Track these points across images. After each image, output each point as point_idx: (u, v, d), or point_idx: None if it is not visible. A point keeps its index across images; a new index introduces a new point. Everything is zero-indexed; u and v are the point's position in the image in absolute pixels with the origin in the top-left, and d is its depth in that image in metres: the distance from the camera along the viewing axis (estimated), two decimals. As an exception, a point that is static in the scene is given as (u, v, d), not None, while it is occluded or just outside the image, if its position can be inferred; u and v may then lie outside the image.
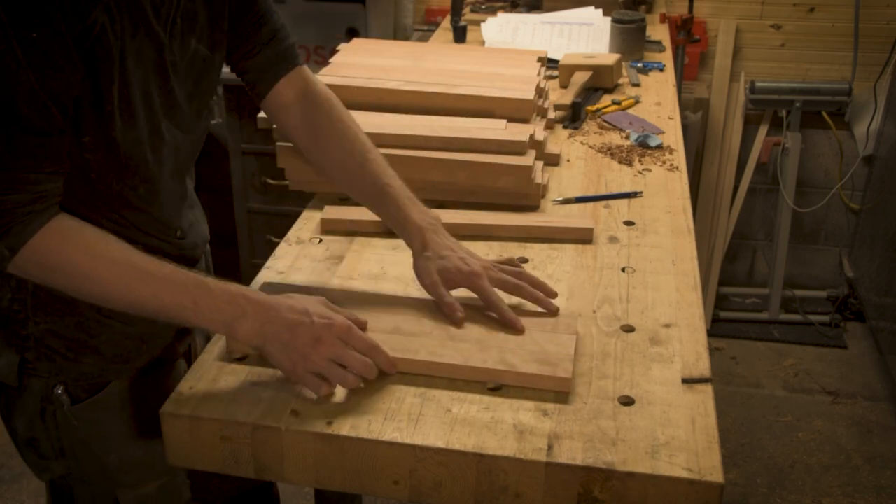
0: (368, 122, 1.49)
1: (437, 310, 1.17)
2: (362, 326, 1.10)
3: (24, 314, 1.15)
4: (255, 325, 1.03)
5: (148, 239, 1.17)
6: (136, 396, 1.23)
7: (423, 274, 1.18)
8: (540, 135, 1.57)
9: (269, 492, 1.62)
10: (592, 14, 2.52)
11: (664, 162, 1.68)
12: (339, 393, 1.04)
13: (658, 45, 2.45)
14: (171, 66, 1.11)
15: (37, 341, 1.16)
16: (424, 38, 2.74)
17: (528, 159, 1.44)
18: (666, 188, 1.57)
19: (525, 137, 1.44)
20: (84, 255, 1.01)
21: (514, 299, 1.19)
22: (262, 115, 1.42)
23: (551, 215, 1.47)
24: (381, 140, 1.47)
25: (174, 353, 1.29)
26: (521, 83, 1.64)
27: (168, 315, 1.03)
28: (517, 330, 1.13)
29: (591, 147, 1.75)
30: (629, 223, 1.45)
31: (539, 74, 1.71)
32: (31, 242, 0.99)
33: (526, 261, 1.33)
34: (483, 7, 2.80)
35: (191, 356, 1.35)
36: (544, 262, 1.33)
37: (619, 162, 1.68)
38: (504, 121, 1.54)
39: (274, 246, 1.38)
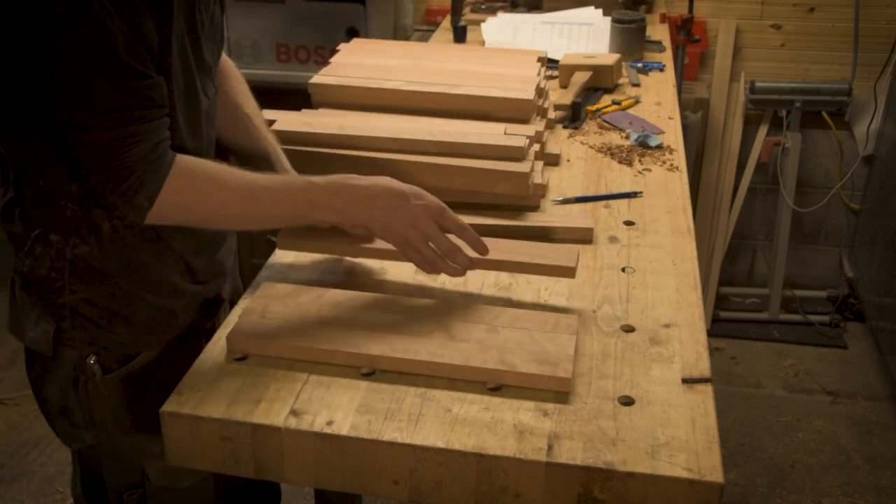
0: (365, 125, 1.50)
1: (438, 310, 1.17)
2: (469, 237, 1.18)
3: (61, 282, 1.17)
4: (362, 210, 1.15)
5: None
6: (162, 369, 1.25)
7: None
8: (539, 138, 1.57)
9: (272, 484, 1.62)
10: (592, 14, 2.52)
11: (664, 162, 1.68)
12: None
13: (658, 45, 2.45)
14: (200, 24, 1.17)
15: (72, 310, 1.18)
16: (424, 38, 2.74)
17: (525, 166, 1.43)
18: (666, 188, 1.57)
19: (523, 143, 1.43)
20: (213, 186, 1.10)
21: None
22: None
23: (551, 215, 1.47)
24: (377, 144, 1.47)
25: (201, 329, 1.31)
26: (521, 83, 1.64)
27: (293, 220, 1.17)
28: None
29: (591, 147, 1.75)
30: (629, 223, 1.45)
31: (539, 74, 1.71)
32: (165, 187, 1.06)
33: (526, 261, 1.33)
34: (483, 7, 2.80)
35: (214, 333, 1.36)
36: (544, 262, 1.33)
37: (619, 162, 1.68)
38: (503, 125, 1.54)
39: (274, 246, 1.38)
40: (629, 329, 1.16)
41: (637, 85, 2.13)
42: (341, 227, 1.21)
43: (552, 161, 1.65)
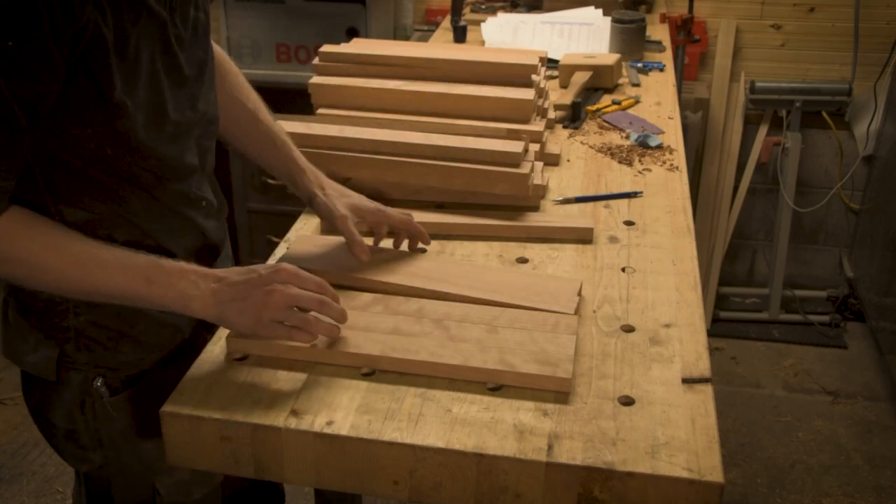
0: (365, 130, 1.50)
1: (438, 310, 1.17)
2: (330, 294, 1.09)
3: (64, 306, 1.15)
4: (207, 294, 1.05)
5: (179, 209, 1.19)
6: (168, 383, 1.24)
7: (331, 209, 1.25)
8: (539, 138, 1.57)
9: (275, 487, 1.62)
10: (592, 14, 2.52)
11: (664, 162, 1.68)
12: (322, 341, 1.04)
13: (658, 45, 2.45)
14: (175, 40, 1.11)
15: (77, 333, 1.17)
16: (424, 38, 2.74)
17: (524, 167, 1.44)
18: (666, 188, 1.57)
19: (520, 149, 1.43)
20: (38, 245, 1.02)
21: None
22: None
23: (551, 215, 1.47)
24: (377, 147, 1.47)
25: (202, 340, 1.30)
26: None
27: (125, 297, 1.05)
28: (425, 240, 1.24)
29: (591, 147, 1.75)
30: (629, 223, 1.45)
31: (539, 74, 1.71)
32: None
33: (526, 261, 1.33)
34: (483, 7, 2.80)
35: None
36: (544, 262, 1.33)
37: (619, 162, 1.68)
38: (504, 127, 1.54)
39: (274, 246, 1.38)
40: (629, 329, 1.16)
41: (637, 85, 2.13)
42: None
43: (552, 161, 1.65)
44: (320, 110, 1.62)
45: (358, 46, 1.77)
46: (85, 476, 1.33)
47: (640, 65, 2.27)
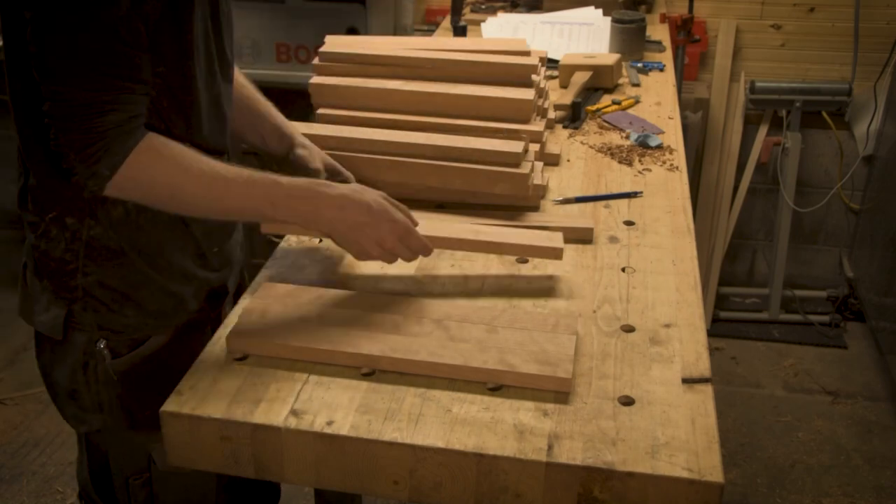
0: (365, 130, 1.50)
1: (438, 310, 1.17)
2: (415, 224, 1.21)
3: (74, 264, 1.18)
4: (326, 218, 1.15)
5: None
6: (170, 355, 1.26)
7: (313, 155, 1.38)
8: (539, 138, 1.57)
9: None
10: (592, 14, 2.52)
11: (664, 162, 1.68)
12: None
13: (658, 45, 2.45)
14: (223, 16, 1.20)
15: (84, 292, 1.20)
16: (424, 38, 2.74)
17: (524, 167, 1.44)
18: (666, 188, 1.57)
19: (520, 149, 1.43)
20: (176, 168, 1.08)
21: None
22: None
23: (551, 215, 1.47)
24: (377, 146, 1.47)
25: (207, 318, 1.32)
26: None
27: (253, 216, 1.15)
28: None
29: (591, 147, 1.75)
30: (629, 223, 1.45)
31: (539, 74, 1.71)
32: (129, 160, 1.05)
33: (526, 261, 1.33)
34: (483, 7, 2.80)
35: (219, 323, 1.36)
36: (544, 262, 1.33)
37: (619, 162, 1.68)
38: (504, 127, 1.54)
39: (274, 246, 1.38)
40: (629, 329, 1.16)
41: (637, 85, 2.13)
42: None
43: (552, 161, 1.65)
44: (320, 110, 1.62)
45: (359, 42, 1.77)
46: (86, 440, 1.36)
47: (640, 65, 2.27)
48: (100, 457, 1.35)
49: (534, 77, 1.64)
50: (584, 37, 2.40)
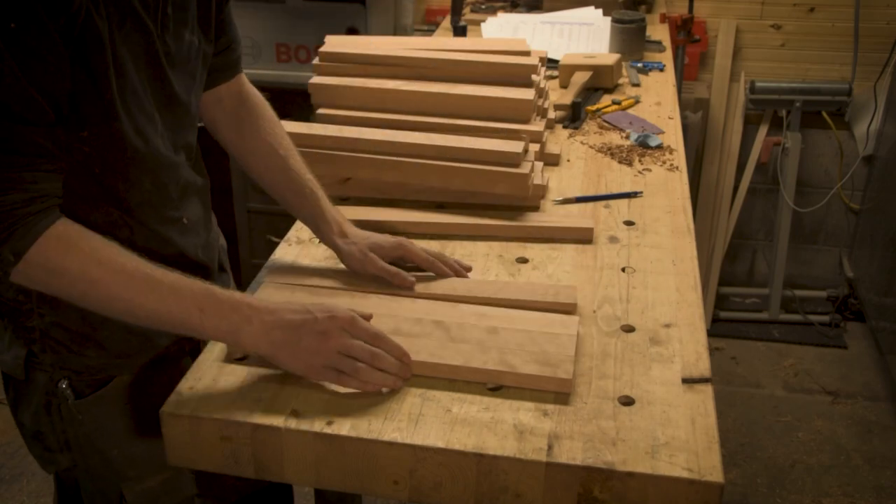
0: (365, 130, 1.50)
1: (438, 310, 1.17)
2: (367, 318, 1.09)
3: (29, 305, 1.14)
4: (260, 332, 1.02)
5: (155, 227, 1.17)
6: (138, 393, 1.23)
7: (356, 255, 1.25)
8: (539, 138, 1.57)
9: (286, 489, 1.61)
10: (592, 14, 2.52)
11: (664, 162, 1.68)
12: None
13: (658, 45, 2.45)
14: (164, 56, 1.10)
15: (42, 333, 1.16)
16: (424, 38, 2.74)
17: (524, 167, 1.44)
18: (666, 188, 1.57)
19: (519, 149, 1.43)
20: (90, 261, 0.99)
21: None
22: None
23: (551, 215, 1.47)
24: (377, 147, 1.47)
25: (181, 351, 1.29)
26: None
27: (174, 324, 1.02)
28: (466, 270, 1.26)
29: (591, 147, 1.75)
30: (629, 223, 1.45)
31: (539, 74, 1.71)
32: (36, 246, 0.97)
33: (526, 261, 1.33)
34: (483, 7, 2.80)
35: (198, 354, 1.35)
36: (544, 262, 1.33)
37: (619, 162, 1.68)
38: (504, 127, 1.54)
39: (274, 246, 1.38)
40: (629, 329, 1.16)
41: (637, 85, 2.13)
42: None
43: (552, 161, 1.65)
44: (320, 110, 1.62)
45: (359, 42, 1.77)
46: (57, 477, 1.33)
47: (640, 65, 2.27)
48: (72, 494, 1.31)
49: (534, 77, 1.64)
50: (584, 37, 2.40)
